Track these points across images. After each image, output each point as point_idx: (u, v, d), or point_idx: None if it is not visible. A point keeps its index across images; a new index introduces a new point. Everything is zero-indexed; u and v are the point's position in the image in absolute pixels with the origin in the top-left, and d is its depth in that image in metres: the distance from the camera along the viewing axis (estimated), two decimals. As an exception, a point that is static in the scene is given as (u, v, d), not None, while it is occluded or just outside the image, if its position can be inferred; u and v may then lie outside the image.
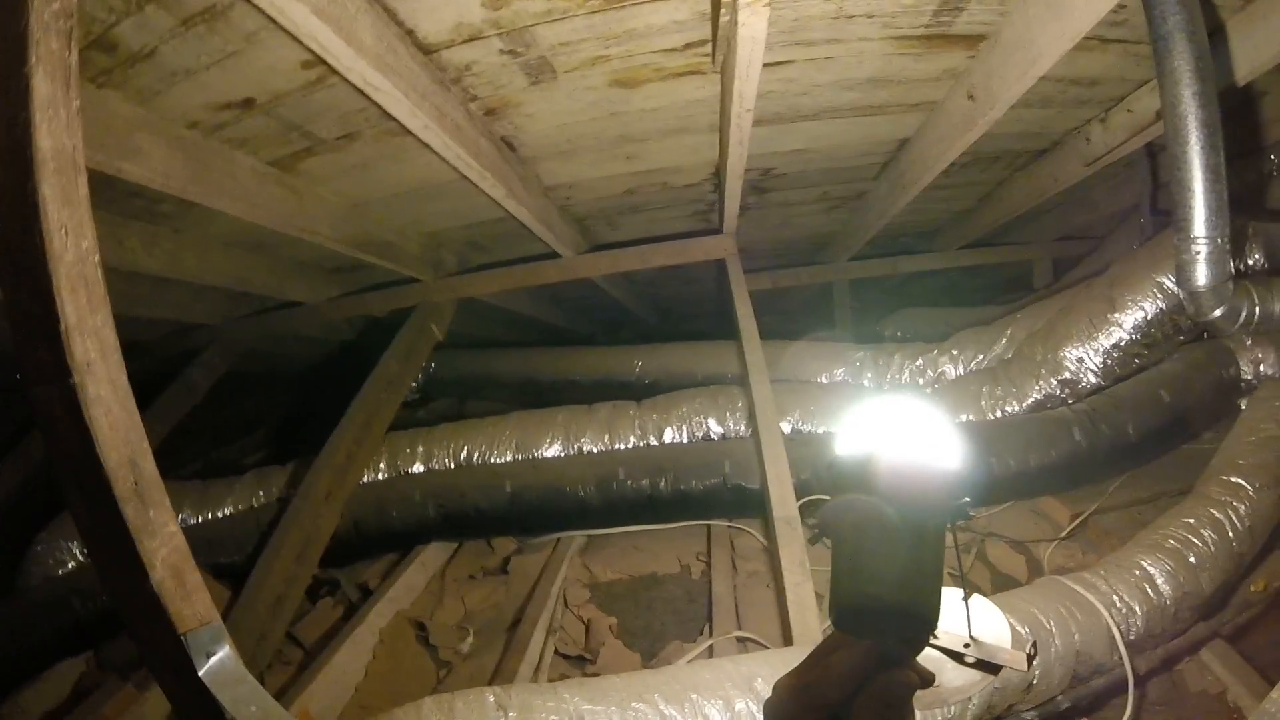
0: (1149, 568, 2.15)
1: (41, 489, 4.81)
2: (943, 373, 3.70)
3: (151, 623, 1.06)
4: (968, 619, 1.03)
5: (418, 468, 3.51)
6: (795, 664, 0.85)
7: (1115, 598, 2.06)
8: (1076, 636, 1.95)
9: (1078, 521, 2.88)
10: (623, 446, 3.42)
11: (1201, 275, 2.43)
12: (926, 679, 0.82)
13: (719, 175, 3.27)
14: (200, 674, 1.05)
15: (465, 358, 4.98)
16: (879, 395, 2.98)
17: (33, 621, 3.13)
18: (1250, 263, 3.15)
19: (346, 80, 1.87)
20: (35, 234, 1.00)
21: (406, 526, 3.29)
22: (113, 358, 1.06)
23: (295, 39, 1.65)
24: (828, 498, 0.85)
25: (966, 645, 1.01)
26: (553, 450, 3.44)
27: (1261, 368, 3.22)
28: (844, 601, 0.82)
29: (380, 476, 3.52)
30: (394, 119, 2.12)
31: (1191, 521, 2.29)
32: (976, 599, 1.05)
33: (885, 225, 4.18)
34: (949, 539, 0.91)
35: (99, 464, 1.02)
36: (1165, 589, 2.11)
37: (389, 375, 3.68)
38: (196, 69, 1.99)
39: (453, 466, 3.49)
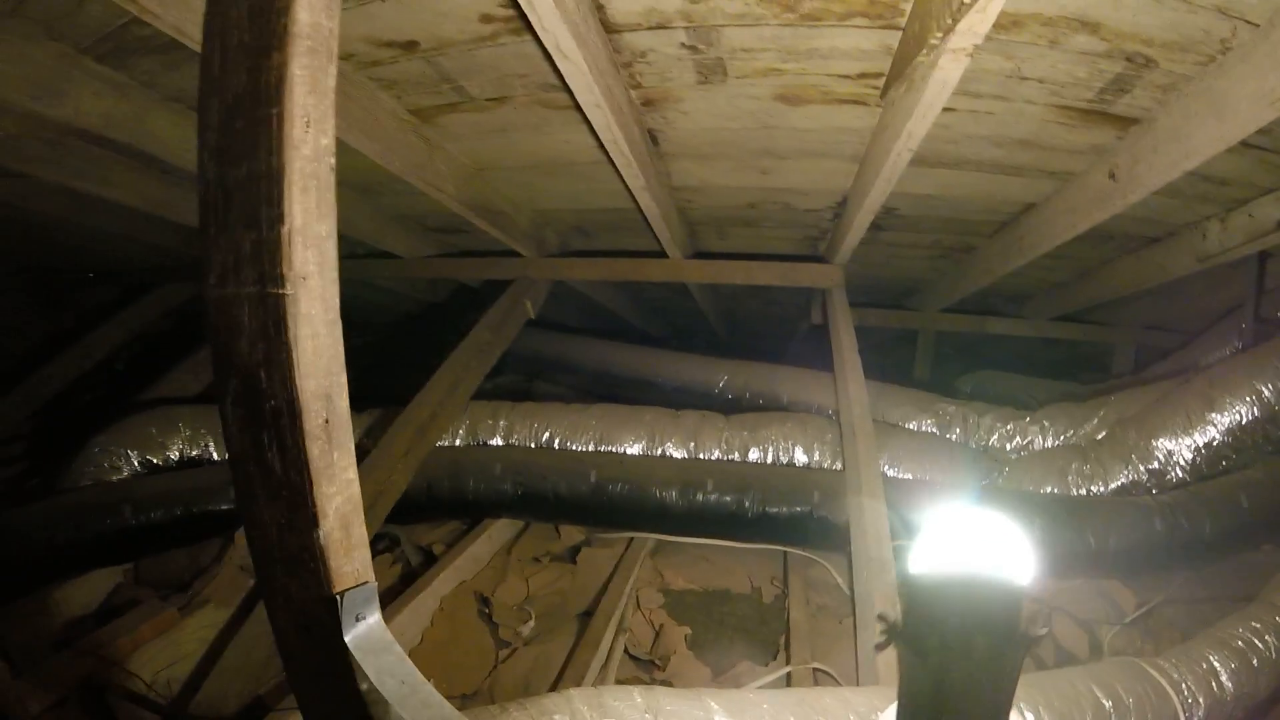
0: (1216, 663, 2.18)
1: (99, 388, 4.93)
2: (1031, 442, 3.64)
3: (301, 575, 0.94)
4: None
5: (497, 440, 3.52)
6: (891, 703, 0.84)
7: (1184, 685, 2.09)
8: (1150, 717, 2.00)
9: (1144, 609, 2.85)
10: (705, 457, 3.40)
11: None
12: None
13: (845, 205, 3.26)
14: (346, 637, 0.92)
15: (541, 337, 4.96)
16: (957, 503, 2.93)
17: (77, 521, 3.05)
18: None
19: (524, 41, 1.85)
20: (273, 116, 0.88)
21: (481, 497, 3.28)
22: (330, 275, 0.94)
23: None
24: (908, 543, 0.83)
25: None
26: (635, 448, 3.43)
27: None
28: None
29: (458, 442, 3.53)
30: (555, 89, 2.15)
31: (1258, 626, 2.31)
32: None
33: (984, 283, 4.15)
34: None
35: (293, 391, 0.89)
36: (1228, 685, 2.14)
37: (480, 343, 3.69)
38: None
39: (532, 446, 3.49)
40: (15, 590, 2.87)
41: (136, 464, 3.50)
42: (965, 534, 0.92)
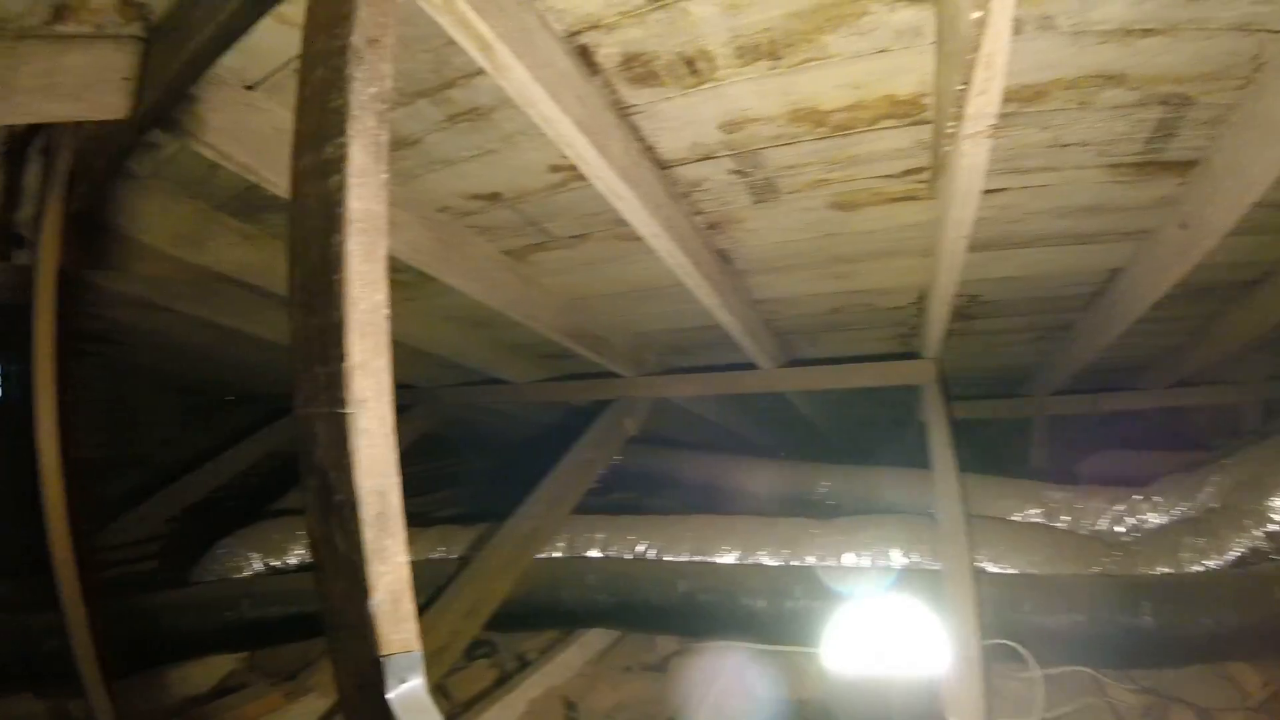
0: None
1: (234, 499, 5.41)
2: (1144, 520, 3.48)
3: (358, 639, 1.12)
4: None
5: (594, 553, 3.63)
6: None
7: None
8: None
9: (1269, 691, 2.64)
10: (799, 564, 3.38)
11: None
12: None
13: (925, 299, 3.31)
14: (388, 696, 1.08)
15: (648, 454, 5.10)
16: (867, 599, 2.90)
17: (202, 611, 3.46)
18: None
19: (591, 186, 2.08)
20: (337, 280, 1.12)
21: (575, 606, 3.39)
22: (385, 398, 1.15)
23: (552, 145, 1.88)
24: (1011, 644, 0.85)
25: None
26: (729, 557, 3.45)
27: None
28: None
29: (558, 554, 3.66)
30: (627, 224, 2.32)
31: None
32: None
33: (1090, 359, 4.05)
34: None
35: (354, 488, 1.09)
36: None
37: (580, 461, 3.87)
38: (456, 160, 2.31)
39: (629, 557, 3.58)
40: (140, 665, 3.20)
41: (258, 565, 3.90)
42: (880, 626, 0.96)
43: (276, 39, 1.76)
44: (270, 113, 2.06)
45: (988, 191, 2.25)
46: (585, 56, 1.79)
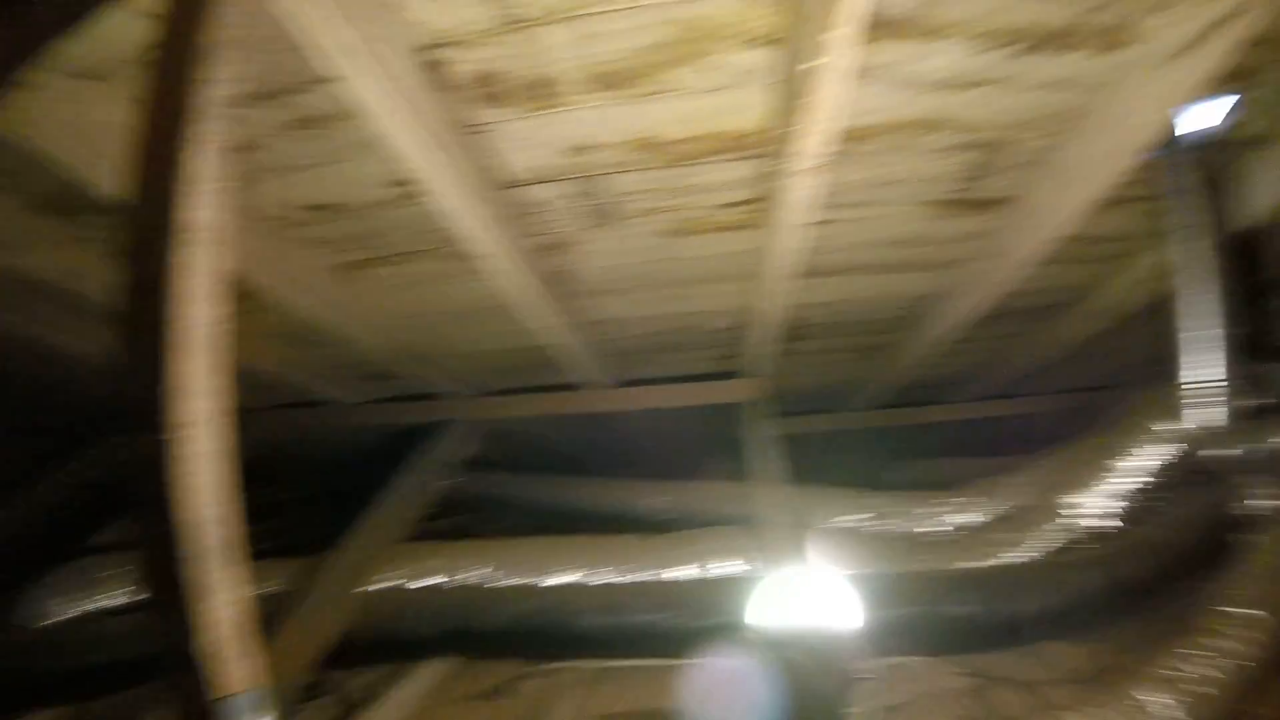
0: (1146, 698, 2.23)
1: (46, 537, 4.89)
2: (954, 521, 3.77)
3: (194, 680, 1.05)
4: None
5: (430, 581, 3.50)
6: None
7: None
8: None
9: (1083, 663, 2.89)
10: (635, 579, 3.41)
11: (1207, 419, 2.78)
12: None
13: (751, 322, 3.43)
14: None
15: (486, 476, 5.02)
16: (785, 568, 3.05)
17: (18, 660, 3.15)
18: (1258, 404, 3.22)
19: (431, 202, 2.05)
20: (171, 295, 1.06)
21: (413, 637, 3.26)
22: (218, 422, 1.11)
23: (394, 158, 1.84)
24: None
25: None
26: (566, 578, 3.42)
27: (1268, 502, 3.22)
28: None
29: (393, 584, 3.51)
30: (466, 242, 2.29)
31: (1192, 654, 2.36)
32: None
33: (902, 376, 4.38)
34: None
35: (187, 517, 1.04)
36: (1175, 716, 2.19)
37: (414, 485, 3.76)
38: (293, 168, 2.21)
39: (466, 584, 3.48)
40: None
41: (82, 607, 3.51)
42: (800, 590, 1.02)
43: (121, 29, 1.61)
44: (102, 106, 1.88)
45: (814, 223, 2.41)
46: (437, 72, 1.77)
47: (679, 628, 3.08)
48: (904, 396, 5.25)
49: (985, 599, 3.01)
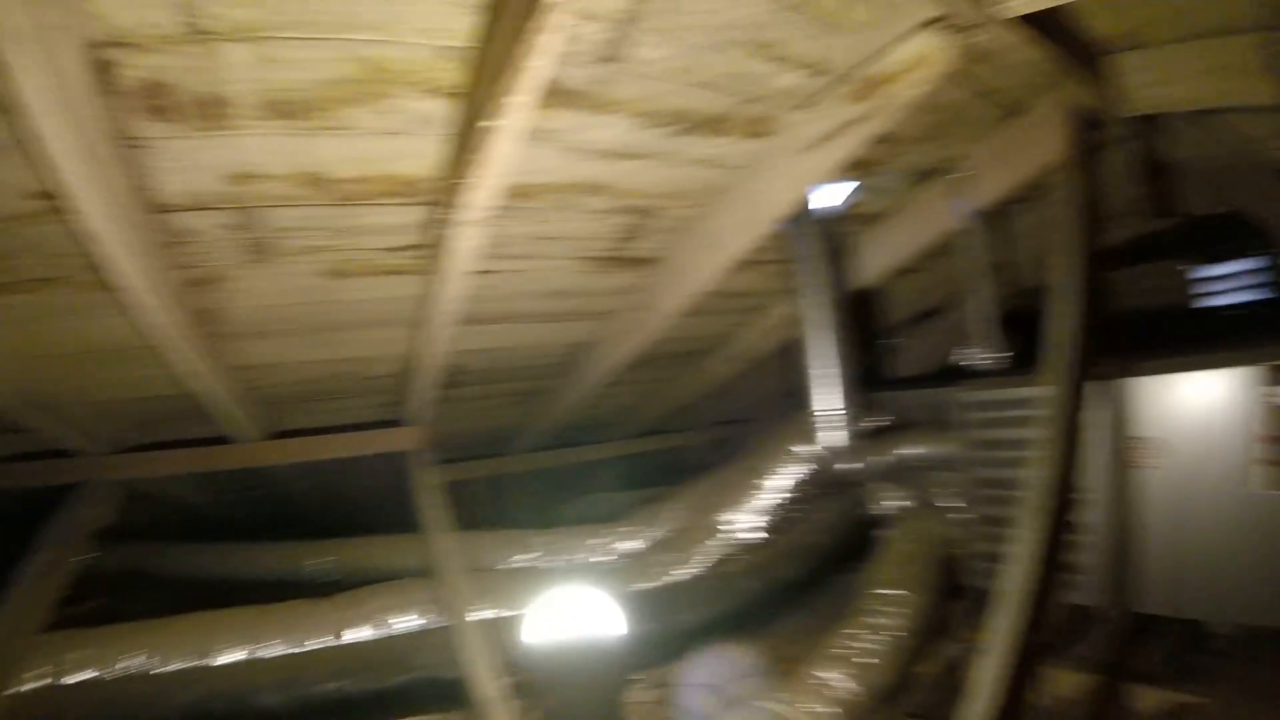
0: (824, 675, 2.51)
1: None
2: (619, 549, 4.00)
3: None
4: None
5: (85, 675, 2.90)
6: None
7: (798, 706, 2.38)
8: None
9: (758, 658, 3.07)
10: (311, 647, 3.16)
11: (831, 439, 3.35)
12: None
13: (410, 368, 3.40)
14: None
15: (130, 549, 4.40)
16: (559, 584, 3.16)
17: None
18: (872, 424, 3.82)
19: (72, 221, 1.78)
20: None
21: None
22: None
23: (37, 166, 1.58)
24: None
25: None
26: (235, 655, 3.06)
27: (891, 503, 3.94)
28: None
29: (31, 686, 2.86)
30: (105, 270, 2.00)
31: (853, 632, 2.73)
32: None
33: (562, 419, 4.58)
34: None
35: None
36: (844, 688, 2.47)
37: (43, 564, 3.14)
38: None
39: (128, 674, 2.95)
40: None
41: None
42: (568, 608, 1.08)
43: None
44: None
45: (474, 272, 2.47)
46: (106, 74, 1.57)
47: (370, 690, 2.94)
48: (567, 437, 5.48)
49: (661, 614, 3.27)
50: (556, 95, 1.93)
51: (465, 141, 1.75)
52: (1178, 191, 3.88)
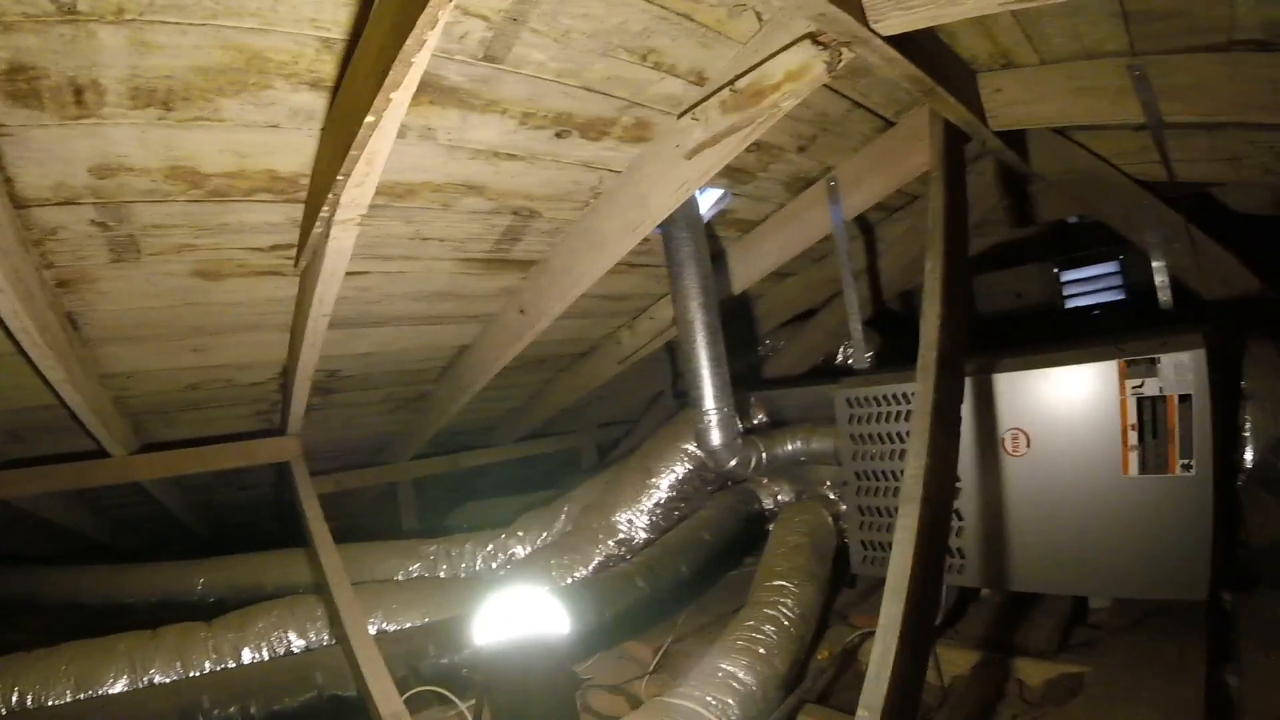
0: (728, 666, 2.54)
1: None
2: (513, 554, 4.03)
3: None
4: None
5: None
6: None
7: (708, 699, 2.38)
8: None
9: (659, 655, 3.17)
10: (199, 673, 3.00)
11: (716, 437, 3.41)
12: None
13: (287, 375, 3.33)
14: None
15: (6, 574, 4.09)
16: (499, 589, 3.13)
17: None
18: (755, 422, 4.08)
19: None
20: None
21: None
22: None
23: None
24: (435, 689, 1.03)
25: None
26: (120, 685, 2.87)
27: (779, 497, 4.18)
28: None
29: None
30: None
31: (752, 623, 2.78)
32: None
33: (445, 424, 4.51)
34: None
35: None
36: (747, 679, 2.50)
37: None
38: None
39: (1, 708, 2.73)
40: None
41: None
42: (512, 609, 1.11)
43: None
44: None
45: (352, 273, 2.45)
46: None
47: (273, 712, 2.81)
48: (454, 443, 5.47)
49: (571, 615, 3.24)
50: (438, 92, 1.96)
51: (341, 137, 1.72)
52: (1044, 201, 4.19)
